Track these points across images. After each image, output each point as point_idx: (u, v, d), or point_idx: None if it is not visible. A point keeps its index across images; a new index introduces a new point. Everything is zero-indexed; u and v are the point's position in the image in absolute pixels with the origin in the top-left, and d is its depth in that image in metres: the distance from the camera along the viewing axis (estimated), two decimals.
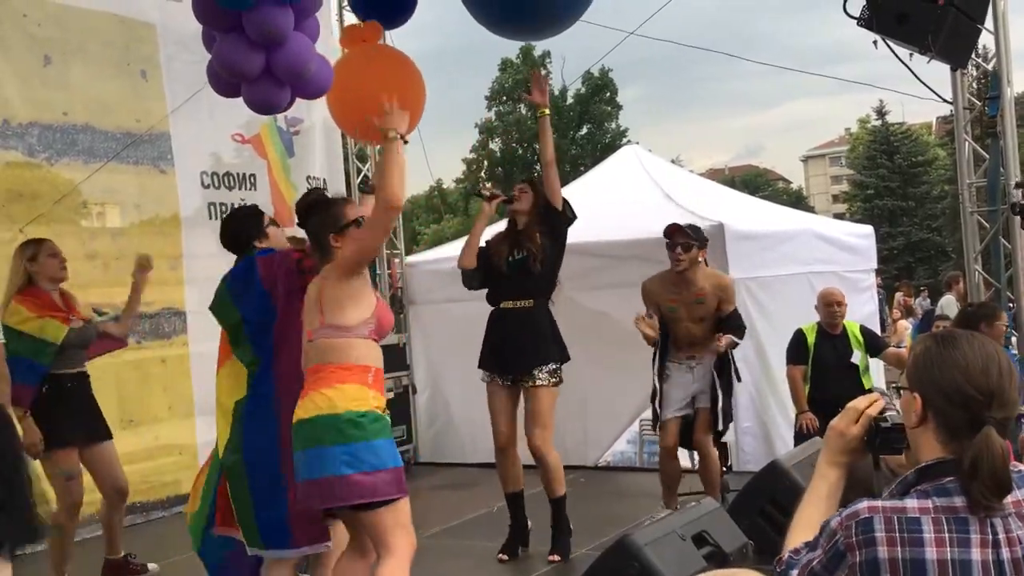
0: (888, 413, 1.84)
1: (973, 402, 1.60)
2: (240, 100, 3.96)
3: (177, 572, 5.06)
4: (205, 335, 4.77)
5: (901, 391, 1.74)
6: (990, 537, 1.56)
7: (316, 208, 3.40)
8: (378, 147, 8.30)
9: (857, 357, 5.95)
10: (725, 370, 5.16)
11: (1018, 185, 5.97)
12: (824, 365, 5.86)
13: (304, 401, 3.19)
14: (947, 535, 1.56)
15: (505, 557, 4.94)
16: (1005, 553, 1.56)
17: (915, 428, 1.68)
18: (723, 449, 5.75)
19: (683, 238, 5.00)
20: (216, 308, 3.70)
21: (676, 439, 5.23)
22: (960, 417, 1.61)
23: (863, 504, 1.62)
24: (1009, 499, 1.58)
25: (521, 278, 4.71)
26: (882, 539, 1.57)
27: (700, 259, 5.06)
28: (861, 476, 1.91)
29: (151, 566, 5.01)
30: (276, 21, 3.61)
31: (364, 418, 3.09)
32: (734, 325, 5.12)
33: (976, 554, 1.56)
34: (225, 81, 3.90)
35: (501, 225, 5.24)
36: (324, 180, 7.90)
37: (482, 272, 4.88)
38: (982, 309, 5.13)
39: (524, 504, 5.02)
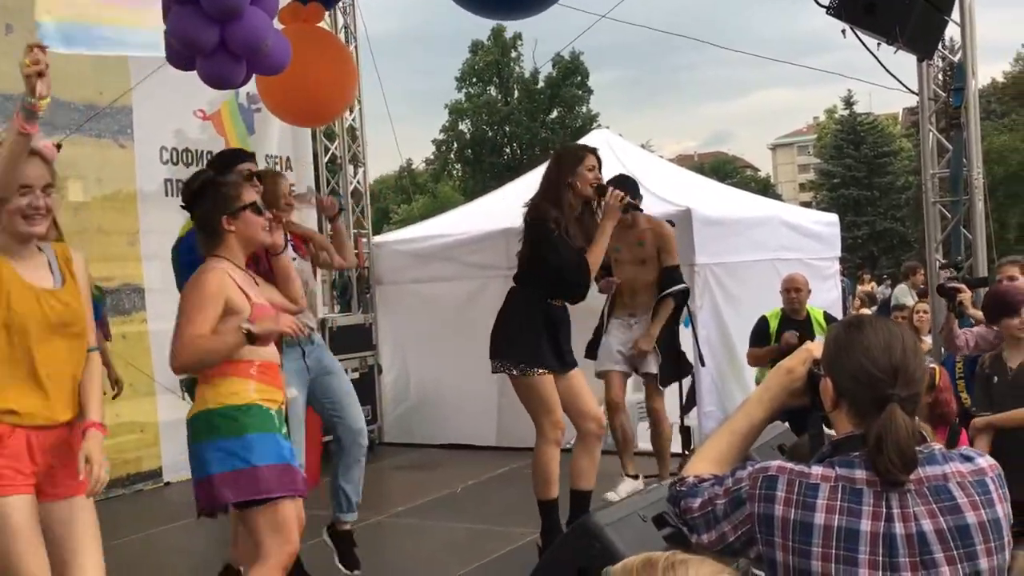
0: None
1: (877, 381, 1.64)
2: None
3: (132, 551, 4.99)
4: (164, 312, 4.69)
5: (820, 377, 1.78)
6: (883, 511, 1.60)
7: (205, 190, 3.15)
8: (347, 124, 8.26)
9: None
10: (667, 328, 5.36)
11: (943, 267, 6.08)
12: (787, 351, 5.92)
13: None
14: (839, 503, 1.60)
15: None
16: (898, 528, 1.59)
17: (832, 411, 1.74)
18: (686, 433, 5.79)
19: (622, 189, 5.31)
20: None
21: (621, 393, 5.39)
22: (867, 396, 1.66)
23: (775, 463, 1.68)
24: (911, 476, 1.62)
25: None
26: (781, 498, 1.63)
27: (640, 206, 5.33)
28: (803, 454, 1.94)
29: None
30: None
31: (239, 411, 2.98)
32: (674, 278, 5.41)
33: (865, 525, 1.59)
34: (180, 53, 3.79)
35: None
36: (288, 159, 7.80)
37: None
38: None
39: None
